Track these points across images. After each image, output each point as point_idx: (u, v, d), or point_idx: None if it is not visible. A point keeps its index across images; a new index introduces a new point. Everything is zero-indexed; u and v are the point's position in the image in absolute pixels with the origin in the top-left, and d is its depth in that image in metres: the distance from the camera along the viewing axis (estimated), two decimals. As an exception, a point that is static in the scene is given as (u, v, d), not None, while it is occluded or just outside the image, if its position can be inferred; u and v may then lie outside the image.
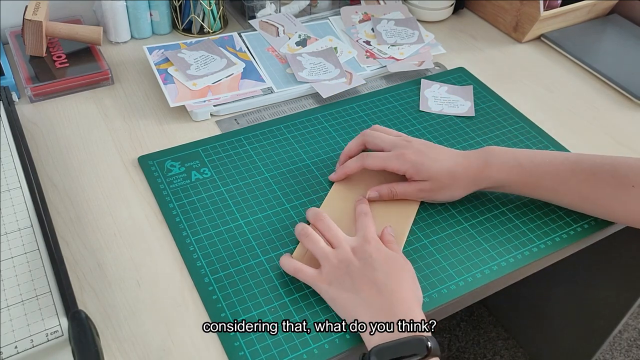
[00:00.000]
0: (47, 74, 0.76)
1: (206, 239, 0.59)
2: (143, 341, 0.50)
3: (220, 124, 0.74)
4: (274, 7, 0.91)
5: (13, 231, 0.53)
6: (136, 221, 0.60)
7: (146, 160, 0.67)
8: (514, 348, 1.39)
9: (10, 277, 0.49)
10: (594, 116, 0.80)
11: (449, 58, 0.90)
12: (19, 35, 0.80)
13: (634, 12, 0.99)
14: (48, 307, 0.47)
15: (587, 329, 1.15)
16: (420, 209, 0.63)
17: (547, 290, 1.21)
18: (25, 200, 0.56)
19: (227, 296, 0.54)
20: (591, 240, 0.64)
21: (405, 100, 0.80)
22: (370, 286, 0.51)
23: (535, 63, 0.90)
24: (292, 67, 0.81)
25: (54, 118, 0.72)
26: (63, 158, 0.67)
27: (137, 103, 0.76)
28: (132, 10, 0.84)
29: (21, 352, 0.45)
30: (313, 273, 0.54)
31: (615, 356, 1.40)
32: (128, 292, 0.54)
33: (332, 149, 0.71)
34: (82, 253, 0.57)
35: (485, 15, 1.00)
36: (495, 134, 0.75)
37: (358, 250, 0.54)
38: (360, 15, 0.94)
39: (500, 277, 0.58)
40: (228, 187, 0.65)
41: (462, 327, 1.43)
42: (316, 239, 0.55)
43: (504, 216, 0.64)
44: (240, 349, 0.50)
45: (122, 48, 0.86)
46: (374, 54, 0.87)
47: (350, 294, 0.51)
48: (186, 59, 0.79)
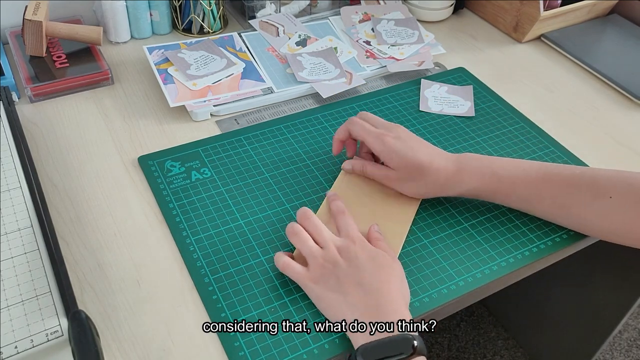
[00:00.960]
0: (47, 74, 0.76)
1: (206, 239, 0.59)
2: (143, 341, 0.50)
3: (220, 124, 0.74)
4: (274, 7, 0.91)
5: (13, 231, 0.53)
6: (136, 221, 0.60)
7: (146, 160, 0.67)
8: (514, 348, 1.39)
9: (10, 277, 0.49)
10: (594, 116, 0.80)
11: (449, 58, 0.90)
12: (19, 35, 0.80)
13: (634, 12, 0.99)
14: (48, 307, 0.47)
15: (587, 329, 1.15)
16: (420, 209, 0.63)
17: (547, 290, 1.21)
18: (25, 200, 0.56)
19: (227, 296, 0.54)
20: (591, 240, 0.64)
21: (405, 100, 0.80)
22: (356, 287, 0.51)
23: (535, 63, 0.90)
24: (292, 67, 0.81)
25: (54, 118, 0.72)
26: (63, 158, 0.67)
27: (137, 103, 0.76)
28: (132, 10, 0.84)
29: (21, 352, 0.45)
30: (301, 270, 0.54)
31: (615, 356, 1.40)
32: (128, 292, 0.54)
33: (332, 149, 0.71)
34: (82, 253, 0.57)
35: (485, 15, 1.00)
36: (495, 134, 0.75)
37: (343, 250, 0.54)
38: (360, 15, 0.94)
39: (500, 277, 0.58)
40: (228, 187, 0.65)
41: (462, 327, 1.43)
42: (304, 238, 0.55)
43: (504, 216, 0.64)
44: (240, 349, 0.50)
45: (122, 48, 0.86)
46: (374, 54, 0.87)
47: (337, 294, 0.51)
48: (186, 59, 0.79)
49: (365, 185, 0.64)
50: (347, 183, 0.65)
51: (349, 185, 0.65)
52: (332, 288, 0.52)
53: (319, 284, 0.52)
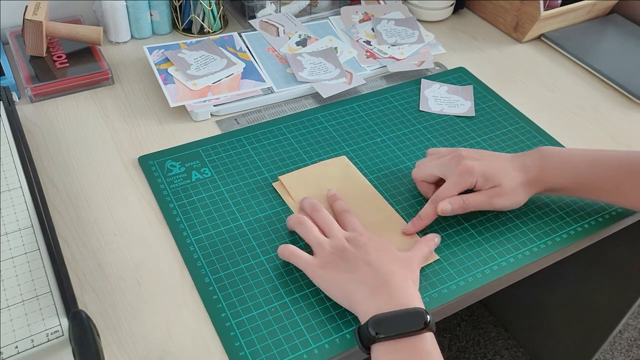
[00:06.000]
0: (47, 74, 0.76)
1: (206, 239, 0.59)
2: (143, 341, 0.50)
3: (220, 124, 0.74)
4: (274, 7, 0.91)
5: (13, 231, 0.53)
6: (136, 221, 0.60)
7: (146, 160, 0.67)
8: (514, 348, 1.39)
9: (10, 277, 0.49)
10: (594, 116, 0.80)
11: (449, 58, 0.90)
12: (19, 35, 0.80)
13: (634, 12, 0.99)
14: (48, 307, 0.47)
15: (587, 329, 1.15)
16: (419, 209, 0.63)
17: (547, 290, 1.21)
18: (25, 200, 0.56)
19: (227, 296, 0.54)
20: (591, 240, 0.64)
21: (405, 100, 0.80)
22: (365, 267, 0.51)
23: (535, 63, 0.90)
24: (292, 67, 0.81)
25: (54, 118, 0.72)
26: (63, 158, 0.67)
27: (137, 103, 0.76)
28: (132, 10, 0.84)
29: (22, 352, 0.45)
30: (307, 258, 0.54)
31: (615, 356, 1.40)
32: (128, 292, 0.54)
33: (332, 149, 0.71)
34: (82, 253, 0.57)
35: (485, 15, 1.00)
36: (495, 134, 0.75)
37: (351, 239, 0.54)
38: (360, 15, 0.94)
39: (500, 277, 0.58)
40: (228, 187, 0.65)
41: (462, 327, 1.43)
42: (310, 227, 0.56)
43: (504, 216, 0.64)
44: (240, 349, 0.50)
45: (122, 48, 0.86)
46: (374, 54, 0.87)
47: (345, 273, 0.51)
48: (186, 59, 0.79)
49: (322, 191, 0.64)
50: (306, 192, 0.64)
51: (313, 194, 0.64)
52: (341, 269, 0.52)
53: (326, 268, 0.52)
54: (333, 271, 0.52)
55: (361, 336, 0.47)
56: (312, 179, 0.65)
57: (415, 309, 0.47)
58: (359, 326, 0.48)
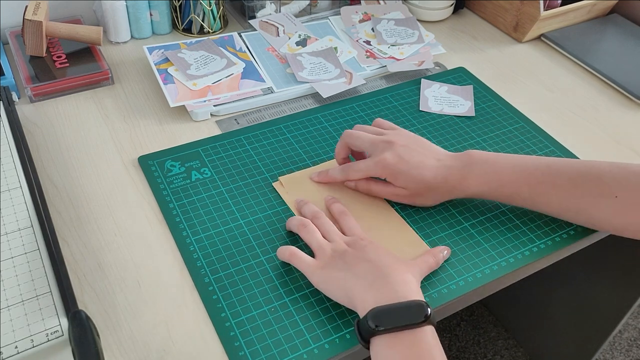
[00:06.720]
0: (47, 74, 0.76)
1: (206, 239, 0.59)
2: (143, 341, 0.50)
3: (220, 124, 0.74)
4: (274, 7, 0.91)
5: (13, 231, 0.53)
6: (136, 221, 0.60)
7: (146, 160, 0.67)
8: (514, 348, 1.39)
9: (10, 277, 0.49)
10: (594, 116, 0.80)
11: (449, 58, 0.90)
12: (19, 35, 0.80)
13: (634, 12, 0.99)
14: (48, 307, 0.47)
15: (587, 329, 1.15)
16: (420, 209, 0.63)
17: (547, 290, 1.21)
18: (25, 200, 0.56)
19: (227, 296, 0.54)
20: (591, 240, 0.64)
21: (405, 100, 0.80)
22: (364, 263, 0.51)
23: (535, 63, 0.90)
24: (292, 67, 0.81)
25: (54, 118, 0.72)
26: (63, 158, 0.67)
27: (137, 103, 0.76)
28: (132, 10, 0.84)
29: (21, 352, 0.45)
30: (308, 260, 0.54)
31: (615, 356, 1.40)
32: (128, 292, 0.54)
33: (332, 148, 0.71)
34: (82, 253, 0.57)
35: (485, 15, 1.00)
36: (495, 134, 0.75)
37: (352, 243, 0.54)
38: (360, 15, 0.94)
39: (500, 277, 0.58)
40: (228, 187, 0.65)
41: (462, 327, 1.43)
42: (313, 230, 0.56)
43: (504, 216, 0.64)
44: (240, 348, 0.50)
45: (122, 48, 0.86)
46: (374, 54, 0.87)
47: (344, 272, 0.51)
48: (186, 59, 0.79)
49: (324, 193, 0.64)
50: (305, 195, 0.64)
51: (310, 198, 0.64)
52: (340, 268, 0.52)
53: (326, 268, 0.52)
54: (332, 270, 0.52)
55: (361, 330, 0.47)
56: (312, 181, 0.65)
57: (416, 301, 0.47)
58: (359, 320, 0.48)
